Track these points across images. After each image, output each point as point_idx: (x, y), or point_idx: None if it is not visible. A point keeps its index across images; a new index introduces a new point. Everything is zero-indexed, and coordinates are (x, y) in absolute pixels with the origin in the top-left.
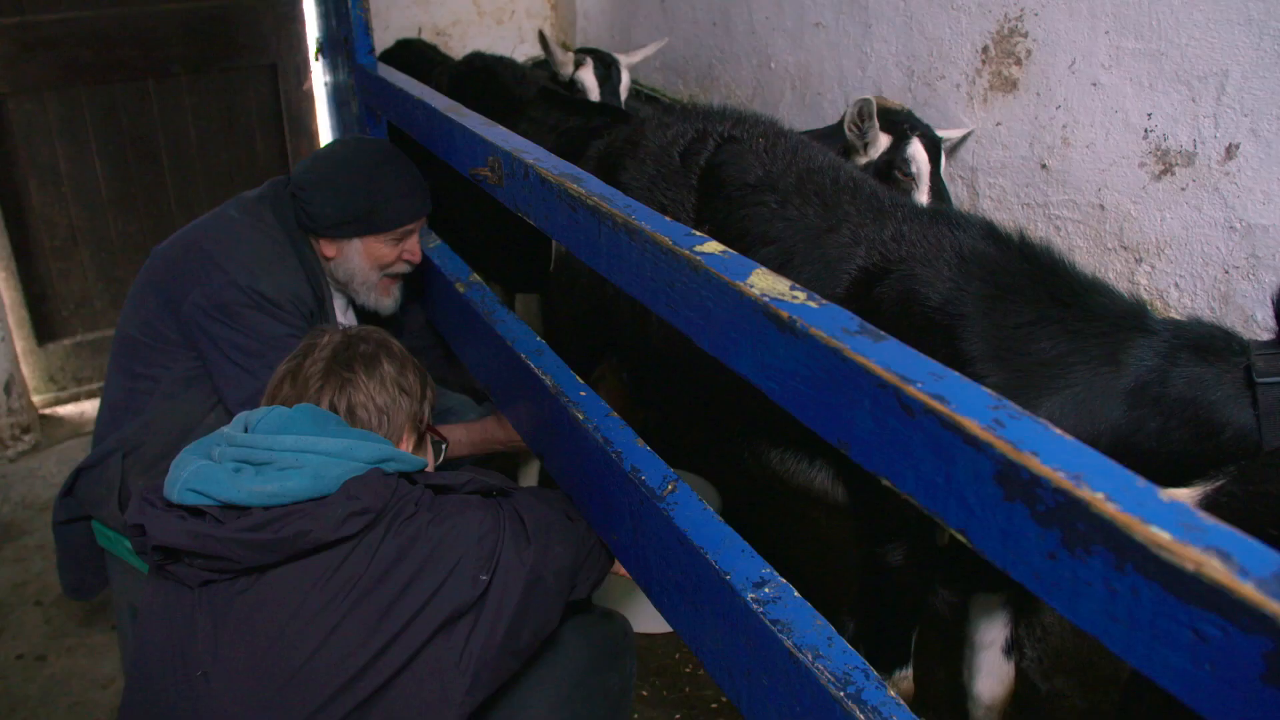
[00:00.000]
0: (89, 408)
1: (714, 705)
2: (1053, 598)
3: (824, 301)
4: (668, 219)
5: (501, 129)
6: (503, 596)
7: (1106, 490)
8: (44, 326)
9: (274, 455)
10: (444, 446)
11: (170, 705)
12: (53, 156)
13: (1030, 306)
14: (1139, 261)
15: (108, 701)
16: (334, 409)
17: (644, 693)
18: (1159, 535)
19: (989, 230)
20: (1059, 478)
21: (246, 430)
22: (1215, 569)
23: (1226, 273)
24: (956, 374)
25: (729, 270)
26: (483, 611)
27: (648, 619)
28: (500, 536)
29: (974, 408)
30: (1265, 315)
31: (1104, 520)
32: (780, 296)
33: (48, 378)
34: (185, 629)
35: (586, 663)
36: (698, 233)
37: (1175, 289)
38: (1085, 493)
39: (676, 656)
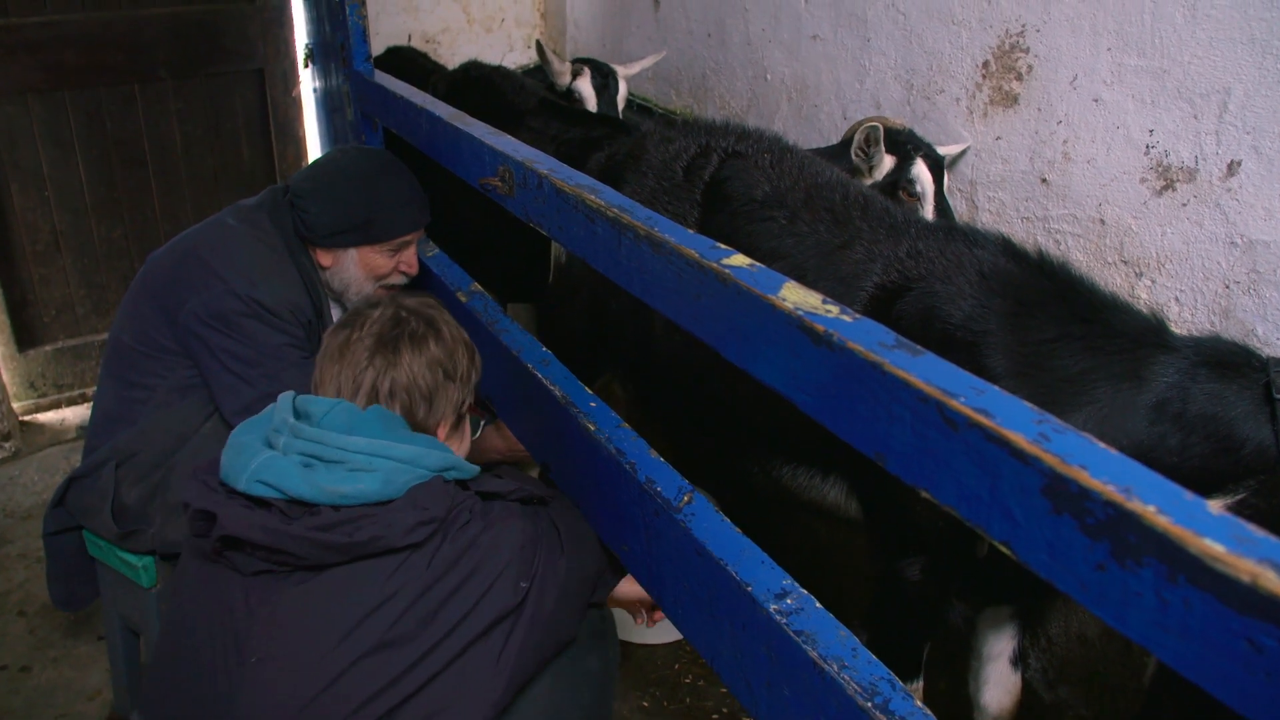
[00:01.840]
0: (70, 414)
1: (714, 717)
2: (1100, 608)
3: (857, 315)
4: (691, 231)
5: (510, 138)
6: (539, 603)
7: (1157, 504)
8: (24, 332)
9: (346, 455)
10: (481, 424)
11: (208, 691)
12: (35, 160)
13: (1053, 323)
14: (1139, 276)
15: (94, 713)
16: (377, 389)
17: (644, 703)
18: (1213, 548)
19: (1007, 247)
20: (1110, 491)
21: (299, 417)
22: (1271, 580)
23: (1227, 288)
24: (996, 388)
25: (759, 283)
26: (520, 617)
27: (647, 629)
28: (539, 545)
29: (1019, 422)
30: (1266, 330)
31: (1156, 533)
32: (814, 310)
33: (28, 384)
34: (241, 615)
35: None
36: (722, 245)
37: (1175, 303)
38: (1136, 506)
39: (676, 667)
